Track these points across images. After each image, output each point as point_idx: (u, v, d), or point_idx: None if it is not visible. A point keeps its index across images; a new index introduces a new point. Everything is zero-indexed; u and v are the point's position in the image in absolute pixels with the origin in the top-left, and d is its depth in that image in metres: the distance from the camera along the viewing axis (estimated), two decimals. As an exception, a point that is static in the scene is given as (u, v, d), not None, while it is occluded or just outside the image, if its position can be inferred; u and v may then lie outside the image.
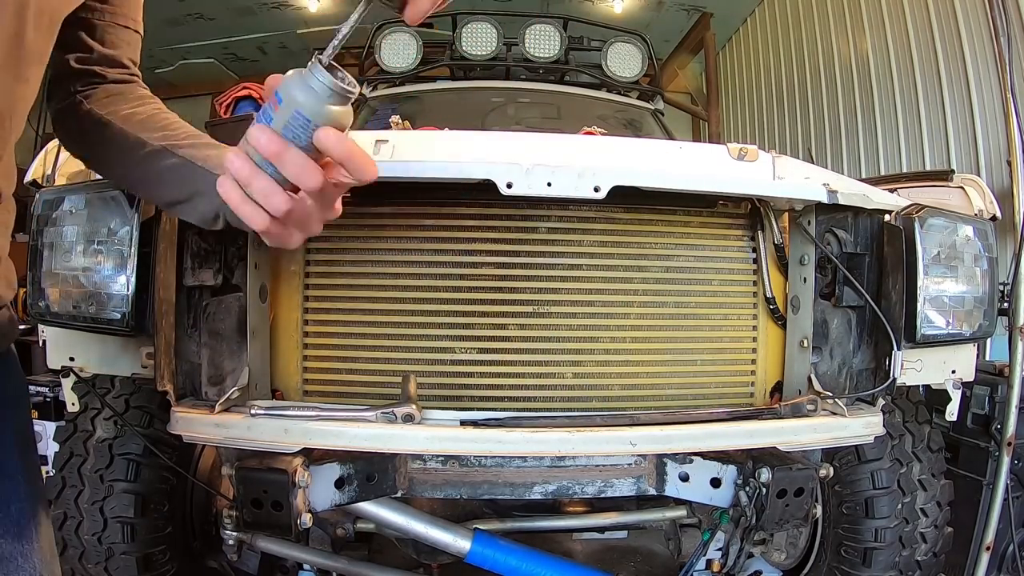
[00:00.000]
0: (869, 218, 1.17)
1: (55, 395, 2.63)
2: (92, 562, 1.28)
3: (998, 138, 3.09)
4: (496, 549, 1.23)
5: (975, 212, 1.53)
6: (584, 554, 2.09)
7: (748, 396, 1.22)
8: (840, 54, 4.66)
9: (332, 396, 1.14)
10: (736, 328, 1.20)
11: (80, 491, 1.28)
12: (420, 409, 0.99)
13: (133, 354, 1.09)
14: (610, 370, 1.16)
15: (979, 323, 1.18)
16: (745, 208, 1.22)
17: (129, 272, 0.98)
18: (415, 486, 1.14)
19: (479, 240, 1.14)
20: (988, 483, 1.64)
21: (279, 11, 7.00)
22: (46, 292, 1.03)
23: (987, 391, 1.70)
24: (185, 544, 1.38)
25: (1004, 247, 2.03)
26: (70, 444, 1.32)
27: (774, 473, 1.03)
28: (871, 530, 1.37)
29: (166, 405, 1.01)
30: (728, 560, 1.45)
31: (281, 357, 1.14)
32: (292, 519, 0.98)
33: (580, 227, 1.15)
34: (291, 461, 0.99)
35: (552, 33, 2.82)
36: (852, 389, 1.17)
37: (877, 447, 1.37)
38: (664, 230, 1.18)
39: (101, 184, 1.05)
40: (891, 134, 4.05)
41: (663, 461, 1.16)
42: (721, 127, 6.27)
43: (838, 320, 1.20)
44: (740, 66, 6.58)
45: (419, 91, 2.90)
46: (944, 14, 3.48)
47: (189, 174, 0.83)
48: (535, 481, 1.15)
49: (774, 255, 1.21)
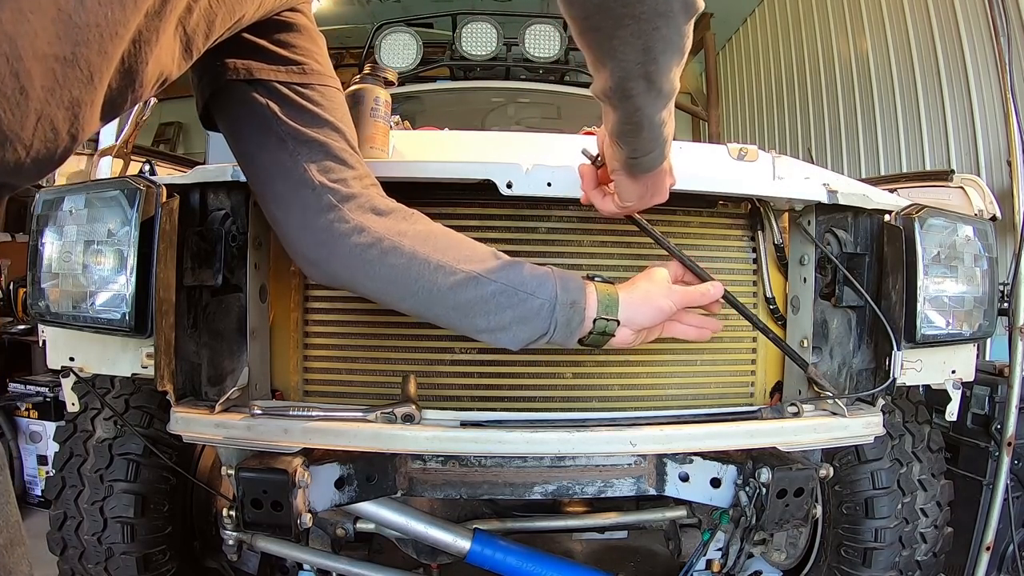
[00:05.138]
0: (869, 218, 1.17)
1: (55, 395, 2.63)
2: (92, 562, 1.28)
3: (998, 138, 3.09)
4: (496, 549, 1.23)
5: (975, 212, 1.53)
6: (584, 554, 2.10)
7: (748, 396, 1.22)
8: (840, 54, 4.66)
9: (332, 396, 1.14)
10: (736, 328, 1.20)
11: (80, 491, 1.28)
12: (420, 409, 0.99)
13: (133, 354, 1.09)
14: (610, 370, 1.16)
15: (979, 323, 1.18)
16: (745, 208, 1.22)
17: (129, 272, 0.98)
18: (415, 486, 1.14)
19: (479, 240, 1.13)
20: (988, 483, 1.64)
21: (279, 11, 6.99)
22: (46, 292, 1.03)
23: (987, 391, 1.70)
24: (185, 544, 1.38)
25: (1004, 247, 2.04)
26: (70, 444, 1.32)
27: (774, 473, 1.03)
28: (871, 530, 1.37)
29: (166, 405, 1.00)
30: (728, 560, 1.45)
31: (281, 357, 1.14)
32: (292, 519, 0.97)
33: (580, 227, 1.15)
34: (291, 461, 0.99)
35: (552, 33, 2.82)
36: (852, 389, 1.17)
37: (877, 447, 1.37)
38: (664, 230, 1.18)
39: (101, 184, 1.05)
40: (891, 134, 4.04)
41: (663, 461, 1.16)
42: (721, 127, 6.27)
43: (838, 320, 1.20)
44: (740, 66, 6.58)
45: (419, 91, 2.90)
46: (944, 14, 3.48)
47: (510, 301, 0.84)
48: (535, 481, 1.15)
49: (774, 255, 1.21)
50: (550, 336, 0.87)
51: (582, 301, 0.87)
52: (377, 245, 0.83)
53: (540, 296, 0.85)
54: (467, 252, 0.87)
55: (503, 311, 0.85)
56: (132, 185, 0.99)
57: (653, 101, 0.73)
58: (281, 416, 0.98)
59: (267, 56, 0.81)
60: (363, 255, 0.84)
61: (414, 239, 0.85)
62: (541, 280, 0.87)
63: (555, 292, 0.86)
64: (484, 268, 0.85)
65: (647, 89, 0.70)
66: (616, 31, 0.63)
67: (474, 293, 0.84)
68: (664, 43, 0.65)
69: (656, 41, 0.64)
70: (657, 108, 0.74)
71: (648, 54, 0.65)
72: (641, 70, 0.67)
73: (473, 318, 0.86)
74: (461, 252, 0.87)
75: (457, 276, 0.84)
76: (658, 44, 0.64)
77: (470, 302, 0.84)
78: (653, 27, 0.62)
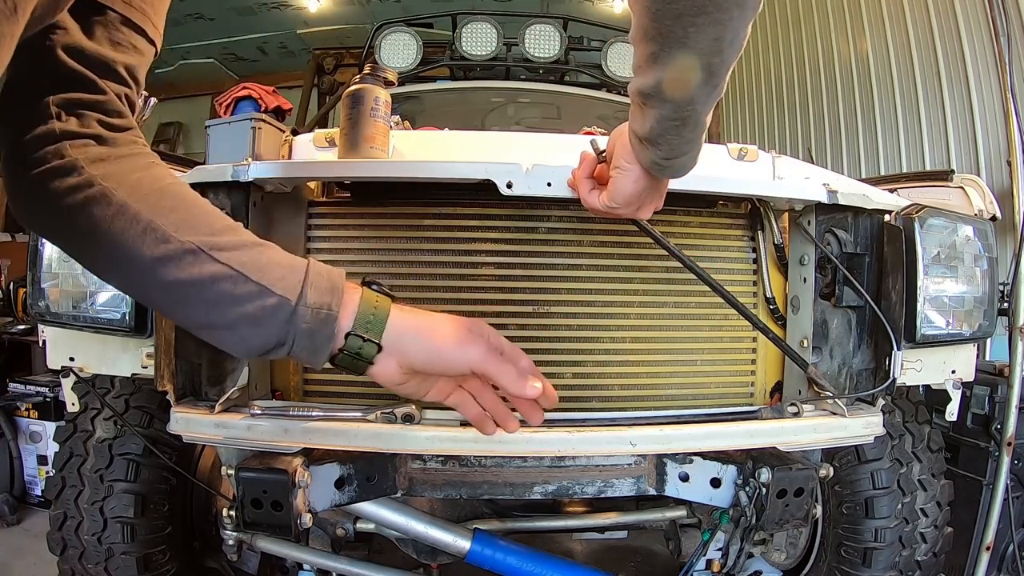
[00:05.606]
0: (869, 218, 1.17)
1: (55, 395, 2.63)
2: (92, 562, 1.28)
3: (998, 138, 3.08)
4: (496, 549, 1.23)
5: (975, 212, 1.53)
6: (584, 554, 2.10)
7: (748, 396, 1.22)
8: (840, 54, 4.66)
9: (332, 396, 1.14)
10: (736, 328, 1.20)
11: (80, 491, 1.28)
12: (420, 409, 0.99)
13: (133, 354, 1.09)
14: (610, 370, 1.16)
15: (979, 323, 1.18)
16: (745, 208, 1.22)
17: (129, 272, 0.98)
18: (415, 486, 1.14)
19: (479, 240, 1.14)
20: (988, 483, 1.64)
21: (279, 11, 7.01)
22: (46, 292, 1.03)
23: (987, 391, 1.70)
24: (185, 544, 1.38)
25: (1004, 247, 2.04)
26: (70, 444, 1.32)
27: (774, 473, 1.03)
28: (871, 530, 1.37)
29: (166, 405, 1.00)
30: (728, 560, 1.45)
31: (281, 357, 1.14)
32: (292, 519, 0.97)
33: (580, 227, 1.15)
34: (291, 461, 0.99)
35: (552, 33, 2.82)
36: (852, 389, 1.17)
37: (877, 447, 1.37)
38: (664, 230, 1.18)
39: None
40: (891, 134, 4.04)
41: (663, 461, 1.16)
42: (721, 127, 6.27)
43: (838, 320, 1.20)
44: (740, 66, 6.58)
45: (419, 91, 2.90)
46: (944, 14, 3.48)
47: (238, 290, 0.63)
48: (535, 481, 1.15)
49: (774, 255, 1.21)
50: (289, 348, 0.66)
51: (336, 307, 0.66)
52: (82, 189, 0.61)
53: (279, 291, 0.64)
54: (194, 217, 0.65)
55: (227, 305, 0.63)
56: (132, 185, 0.99)
57: (707, 97, 0.69)
58: (281, 416, 0.98)
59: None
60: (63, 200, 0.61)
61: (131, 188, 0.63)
62: (286, 271, 0.66)
63: (301, 289, 0.65)
64: (210, 242, 0.63)
65: (705, 82, 0.66)
66: (696, 17, 0.60)
67: (189, 272, 0.62)
68: (733, 34, 0.63)
69: (727, 31, 0.62)
70: (709, 106, 0.71)
71: (717, 44, 0.63)
72: (706, 61, 0.64)
73: (187, 306, 0.64)
74: (185, 215, 0.65)
75: (170, 246, 0.62)
76: (728, 35, 0.62)
77: (183, 284, 0.62)
78: (728, 16, 0.60)
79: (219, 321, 0.65)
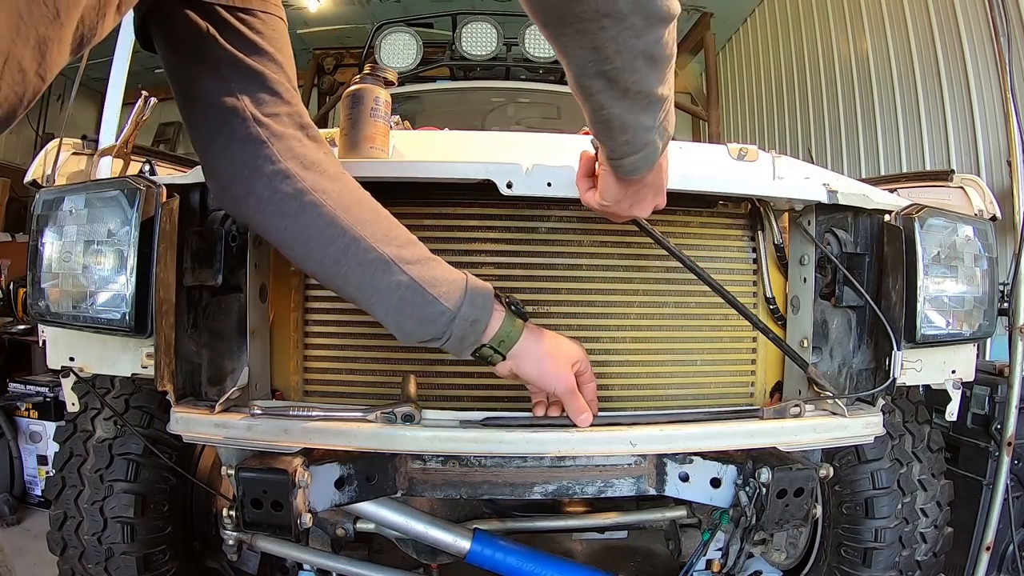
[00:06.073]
0: (869, 218, 1.17)
1: (55, 395, 2.63)
2: (92, 562, 1.28)
3: (998, 138, 3.08)
4: (496, 549, 1.23)
5: (975, 212, 1.53)
6: (584, 554, 2.10)
7: (748, 396, 1.22)
8: (840, 54, 4.66)
9: (332, 396, 1.14)
10: (736, 328, 1.20)
11: (80, 491, 1.28)
12: (420, 409, 0.99)
13: (133, 354, 1.09)
14: (610, 370, 1.16)
15: (979, 323, 1.18)
16: (745, 208, 1.22)
17: (129, 272, 0.98)
18: (415, 486, 1.14)
19: (479, 240, 1.14)
20: (988, 483, 1.64)
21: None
22: (46, 292, 1.02)
23: (987, 391, 1.70)
24: (185, 544, 1.38)
25: (1004, 247, 2.04)
26: (70, 444, 1.32)
27: (774, 473, 1.03)
28: (871, 530, 1.37)
29: (166, 405, 1.00)
30: (728, 560, 1.45)
31: (281, 357, 1.14)
32: (292, 519, 0.97)
33: (580, 227, 1.15)
34: (291, 461, 0.98)
35: (552, 33, 2.82)
36: (852, 389, 1.17)
37: (877, 447, 1.37)
38: (664, 230, 1.18)
39: (101, 184, 1.05)
40: (891, 134, 4.04)
41: (663, 461, 1.16)
42: (721, 127, 6.26)
43: (838, 320, 1.20)
44: (740, 66, 6.58)
45: (419, 91, 2.90)
46: (944, 14, 3.48)
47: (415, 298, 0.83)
48: (535, 481, 1.15)
49: (774, 255, 1.21)
50: (443, 343, 0.87)
51: (484, 322, 0.88)
52: (298, 198, 0.80)
53: (445, 303, 0.84)
54: (385, 230, 0.84)
55: (405, 307, 0.84)
56: (132, 185, 0.99)
57: (618, 101, 0.71)
58: (281, 416, 0.98)
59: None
60: (281, 205, 0.80)
61: (337, 202, 0.82)
62: (451, 286, 0.86)
63: (461, 304, 0.86)
64: (400, 255, 0.83)
65: (607, 88, 0.69)
66: (563, 28, 0.63)
67: (383, 279, 0.82)
68: (617, 44, 0.63)
69: (605, 41, 0.63)
70: (628, 110, 0.72)
71: (599, 53, 0.64)
72: (595, 69, 0.66)
73: (373, 302, 0.84)
74: (380, 229, 0.84)
75: (371, 255, 0.81)
76: (609, 44, 0.63)
77: (375, 286, 0.82)
78: (599, 27, 0.62)
79: (395, 317, 0.84)
